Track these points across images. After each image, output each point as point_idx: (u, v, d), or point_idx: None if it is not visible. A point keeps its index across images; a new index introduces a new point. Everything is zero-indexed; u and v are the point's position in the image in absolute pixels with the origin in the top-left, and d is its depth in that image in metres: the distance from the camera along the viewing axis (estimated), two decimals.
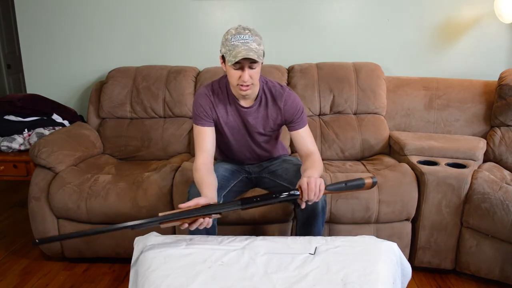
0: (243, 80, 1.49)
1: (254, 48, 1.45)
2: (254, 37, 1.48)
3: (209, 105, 1.64)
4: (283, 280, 1.13)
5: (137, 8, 2.66)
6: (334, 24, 2.64)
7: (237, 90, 1.56)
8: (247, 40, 1.45)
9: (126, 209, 1.93)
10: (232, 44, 1.45)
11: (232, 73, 1.51)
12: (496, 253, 1.81)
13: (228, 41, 1.47)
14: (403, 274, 1.30)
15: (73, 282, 1.95)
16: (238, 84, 1.52)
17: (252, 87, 1.55)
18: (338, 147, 2.35)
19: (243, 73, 1.48)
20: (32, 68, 2.79)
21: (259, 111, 1.67)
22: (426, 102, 2.41)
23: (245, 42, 1.45)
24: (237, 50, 1.44)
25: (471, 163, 1.97)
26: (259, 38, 1.50)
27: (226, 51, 1.48)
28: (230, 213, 1.84)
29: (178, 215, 1.25)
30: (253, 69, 1.49)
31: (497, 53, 2.60)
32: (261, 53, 1.48)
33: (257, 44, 1.47)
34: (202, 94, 1.65)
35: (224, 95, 1.66)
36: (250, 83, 1.52)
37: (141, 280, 1.17)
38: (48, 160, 2.02)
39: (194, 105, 1.66)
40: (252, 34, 1.48)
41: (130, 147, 2.43)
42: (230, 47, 1.46)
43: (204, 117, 1.63)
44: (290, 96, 1.66)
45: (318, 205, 1.58)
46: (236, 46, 1.45)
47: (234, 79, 1.52)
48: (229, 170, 1.79)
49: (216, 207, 1.31)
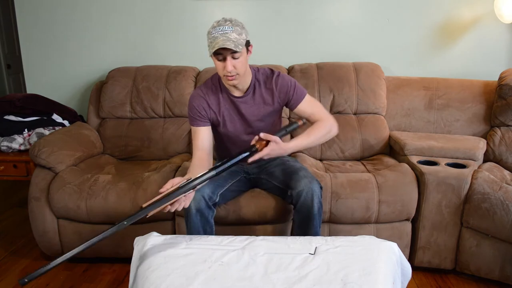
0: (226, 70, 1.52)
1: (233, 38, 1.48)
2: (234, 27, 1.49)
3: (203, 105, 1.67)
4: (283, 280, 1.13)
5: (137, 8, 2.65)
6: (334, 24, 2.64)
7: (225, 81, 1.61)
8: (226, 31, 1.48)
9: (126, 209, 1.93)
10: (212, 36, 1.49)
11: (217, 64, 1.56)
12: (496, 253, 1.81)
13: (210, 33, 1.51)
14: (403, 274, 1.30)
15: (73, 282, 1.95)
16: (224, 75, 1.56)
17: (238, 77, 1.58)
18: (338, 147, 2.35)
19: (226, 64, 1.51)
20: (32, 68, 2.79)
21: (254, 99, 1.69)
22: (426, 102, 2.41)
23: (224, 33, 1.48)
24: (216, 41, 1.47)
25: (471, 163, 1.97)
26: (239, 28, 1.51)
27: (209, 43, 1.52)
28: (230, 213, 1.84)
29: (160, 200, 1.25)
30: (235, 58, 1.52)
31: (497, 53, 2.60)
32: (241, 43, 1.50)
33: (237, 34, 1.49)
34: (195, 96, 1.69)
35: (218, 89, 1.70)
36: (235, 73, 1.54)
37: (141, 280, 1.17)
38: (48, 160, 2.02)
39: (188, 108, 1.69)
40: (233, 25, 1.50)
41: (130, 147, 2.43)
42: (211, 39, 1.50)
43: (198, 118, 1.66)
44: (279, 76, 1.69)
45: (313, 207, 1.59)
46: (216, 37, 1.48)
47: (220, 70, 1.56)
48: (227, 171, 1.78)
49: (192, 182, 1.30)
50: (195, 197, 1.57)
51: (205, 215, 1.60)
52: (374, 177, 1.95)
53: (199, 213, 1.58)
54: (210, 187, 1.62)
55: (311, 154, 2.34)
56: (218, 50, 1.48)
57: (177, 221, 1.97)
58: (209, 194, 1.61)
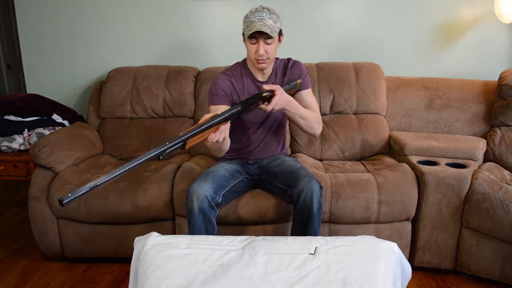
0: (258, 53, 1.65)
1: (269, 25, 1.61)
2: (271, 15, 1.64)
3: (228, 86, 1.77)
4: (283, 280, 1.13)
5: (137, 8, 2.65)
6: (334, 24, 2.64)
7: (254, 63, 1.72)
8: (264, 17, 1.62)
9: (126, 209, 1.93)
10: (250, 20, 1.63)
11: (249, 48, 1.69)
12: (496, 253, 1.81)
13: (247, 17, 1.65)
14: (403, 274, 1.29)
15: (73, 282, 1.95)
16: (255, 58, 1.68)
17: (268, 62, 1.71)
18: (338, 147, 2.35)
19: (259, 47, 1.64)
20: (32, 68, 2.79)
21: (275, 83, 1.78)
22: (426, 102, 2.41)
23: (261, 19, 1.61)
24: (253, 25, 1.61)
25: (471, 163, 1.97)
26: (275, 16, 1.67)
27: (245, 27, 1.65)
28: (230, 213, 1.84)
29: (197, 129, 1.28)
30: (268, 44, 1.66)
31: (497, 53, 2.60)
32: (276, 30, 1.64)
33: (273, 22, 1.63)
34: (221, 77, 1.80)
35: (242, 74, 1.81)
36: (266, 58, 1.68)
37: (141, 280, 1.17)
38: (48, 160, 2.02)
39: (212, 87, 1.77)
40: (270, 13, 1.65)
41: (130, 147, 2.43)
42: (248, 23, 1.63)
43: (222, 96, 1.75)
44: (296, 62, 1.85)
45: (313, 206, 1.59)
46: (253, 21, 1.62)
47: (251, 53, 1.69)
48: (229, 171, 1.80)
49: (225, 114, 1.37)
50: (199, 196, 1.58)
51: (208, 215, 1.61)
52: (374, 177, 1.95)
53: (201, 213, 1.59)
54: (213, 187, 1.63)
55: (311, 154, 2.34)
56: (254, 34, 1.61)
57: (177, 221, 1.97)
58: (212, 195, 1.61)
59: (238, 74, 1.81)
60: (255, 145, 1.87)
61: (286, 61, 1.86)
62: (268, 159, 1.89)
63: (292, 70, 1.82)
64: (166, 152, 1.19)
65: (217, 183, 1.67)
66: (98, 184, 1.03)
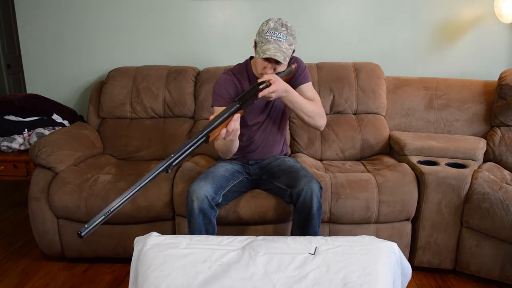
0: (265, 72, 1.61)
1: (284, 49, 1.54)
2: (288, 37, 1.56)
3: (232, 87, 1.74)
4: (283, 280, 1.13)
5: (137, 8, 2.65)
6: (334, 24, 2.64)
7: (259, 75, 1.68)
8: (280, 38, 1.54)
9: (126, 209, 1.93)
10: (266, 38, 1.55)
11: (259, 62, 1.62)
12: (496, 253, 1.81)
13: (264, 33, 1.56)
14: (403, 274, 1.29)
15: (73, 282, 1.95)
16: (261, 72, 1.64)
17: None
18: (338, 147, 2.35)
19: (268, 67, 1.59)
20: (32, 68, 2.79)
21: None
22: (426, 102, 2.41)
23: (278, 40, 1.54)
24: (268, 46, 1.54)
25: (471, 163, 1.97)
26: (292, 38, 1.59)
27: (259, 42, 1.58)
28: (230, 213, 1.84)
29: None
30: (278, 64, 1.60)
31: (497, 53, 2.60)
32: (289, 54, 1.58)
33: (288, 44, 1.56)
34: (224, 78, 1.76)
35: (245, 73, 1.78)
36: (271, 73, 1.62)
37: (141, 280, 1.17)
38: (48, 160, 2.02)
39: (216, 88, 1.75)
40: (287, 34, 1.56)
41: (130, 147, 2.43)
42: (263, 40, 1.55)
43: (225, 97, 1.72)
44: (293, 58, 1.77)
45: (313, 206, 1.59)
46: (269, 41, 1.54)
47: (259, 67, 1.63)
48: (230, 171, 1.79)
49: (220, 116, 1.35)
50: (199, 196, 1.58)
51: (208, 215, 1.61)
52: (374, 177, 1.95)
53: (202, 213, 1.59)
54: (213, 187, 1.63)
55: (311, 154, 2.34)
56: None
57: (177, 221, 1.97)
58: (212, 195, 1.61)
59: (241, 75, 1.78)
60: (256, 145, 1.87)
61: None
62: (268, 159, 1.89)
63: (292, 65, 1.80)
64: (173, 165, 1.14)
65: (217, 183, 1.67)
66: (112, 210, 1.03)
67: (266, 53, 1.53)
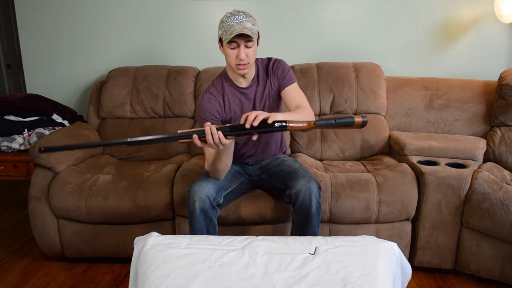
0: (239, 58, 1.58)
1: (249, 27, 1.55)
2: (248, 18, 1.59)
3: (215, 107, 1.72)
4: (283, 280, 1.13)
5: (137, 8, 2.66)
6: (334, 24, 2.64)
7: (235, 70, 1.65)
8: (242, 20, 1.56)
9: (126, 209, 1.93)
10: (228, 25, 1.56)
11: (229, 53, 1.60)
12: (496, 253, 1.81)
13: (224, 22, 1.58)
14: (403, 274, 1.29)
15: (73, 282, 1.95)
16: (236, 64, 1.61)
17: (249, 67, 1.65)
18: (338, 147, 2.35)
19: (240, 51, 1.57)
20: (32, 68, 2.79)
21: (259, 87, 1.75)
22: (426, 102, 2.41)
23: (240, 22, 1.55)
24: (233, 29, 1.54)
25: (471, 163, 1.97)
26: (253, 19, 1.61)
27: (223, 32, 1.58)
28: (230, 213, 1.84)
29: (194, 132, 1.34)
30: (249, 47, 1.59)
31: (497, 53, 2.60)
32: (255, 32, 1.59)
33: (251, 24, 1.58)
34: (206, 99, 1.73)
35: (225, 86, 1.75)
36: (247, 62, 1.61)
37: (141, 280, 1.17)
38: (48, 160, 2.02)
39: (200, 111, 1.73)
40: (246, 16, 1.59)
41: (130, 147, 2.42)
42: (226, 27, 1.56)
43: (211, 120, 1.68)
44: (276, 60, 1.77)
45: (311, 206, 1.59)
46: (231, 26, 1.55)
47: (232, 59, 1.61)
48: (230, 172, 1.79)
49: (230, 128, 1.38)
50: (200, 196, 1.58)
51: (209, 215, 1.61)
52: (374, 177, 1.95)
53: (203, 213, 1.59)
54: (215, 188, 1.63)
55: (311, 154, 2.34)
56: (233, 38, 1.54)
57: (177, 221, 1.97)
58: (213, 195, 1.61)
59: (220, 87, 1.74)
60: (252, 146, 1.84)
61: (266, 60, 1.78)
62: (268, 159, 1.89)
63: (274, 70, 1.75)
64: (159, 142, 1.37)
65: (219, 184, 1.67)
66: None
67: (233, 33, 1.52)
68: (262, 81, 1.75)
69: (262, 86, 1.75)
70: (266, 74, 1.76)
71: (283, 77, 1.74)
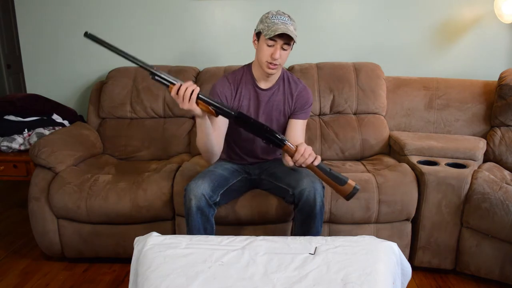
0: (273, 57, 1.58)
1: (291, 30, 1.56)
2: (292, 22, 1.60)
3: (226, 93, 1.72)
4: (283, 280, 1.13)
5: (137, 8, 2.65)
6: (334, 24, 2.64)
7: (264, 67, 1.64)
8: (286, 22, 1.57)
9: (126, 209, 1.93)
10: (272, 22, 1.56)
11: (265, 49, 1.59)
12: (496, 253, 1.81)
13: (269, 18, 1.58)
14: (403, 274, 1.29)
15: (73, 282, 1.95)
16: (267, 61, 1.61)
17: (278, 68, 1.65)
18: (338, 147, 2.35)
19: (276, 51, 1.57)
20: (32, 68, 2.79)
21: (275, 96, 1.75)
22: (426, 102, 2.41)
23: (284, 23, 1.56)
24: (277, 27, 1.54)
25: (471, 163, 1.97)
26: (295, 24, 1.61)
27: (265, 27, 1.57)
28: (230, 213, 1.84)
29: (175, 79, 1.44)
30: (284, 50, 1.60)
31: (497, 53, 2.60)
32: (295, 37, 1.58)
33: (294, 28, 1.59)
34: (221, 83, 1.74)
35: (244, 80, 1.74)
36: (278, 63, 1.61)
37: (141, 280, 1.17)
38: (48, 160, 2.02)
39: (211, 93, 1.72)
40: (291, 19, 1.60)
41: (130, 147, 2.43)
42: (270, 24, 1.56)
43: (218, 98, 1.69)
44: (305, 88, 1.78)
45: (316, 205, 1.59)
46: (276, 23, 1.55)
47: (265, 56, 1.60)
48: (229, 170, 1.79)
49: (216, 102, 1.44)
50: (196, 195, 1.58)
51: (206, 214, 1.60)
52: (374, 177, 1.95)
53: (199, 212, 1.58)
54: (211, 186, 1.62)
55: None
56: (274, 36, 1.54)
57: (177, 221, 1.97)
58: (210, 193, 1.60)
59: (239, 78, 1.75)
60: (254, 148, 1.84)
61: (297, 80, 1.78)
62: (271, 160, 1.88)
63: (298, 95, 1.74)
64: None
65: (215, 181, 1.66)
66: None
67: (277, 31, 1.52)
68: (281, 93, 1.75)
69: (279, 97, 1.75)
70: (289, 91, 1.75)
71: (301, 109, 1.75)
